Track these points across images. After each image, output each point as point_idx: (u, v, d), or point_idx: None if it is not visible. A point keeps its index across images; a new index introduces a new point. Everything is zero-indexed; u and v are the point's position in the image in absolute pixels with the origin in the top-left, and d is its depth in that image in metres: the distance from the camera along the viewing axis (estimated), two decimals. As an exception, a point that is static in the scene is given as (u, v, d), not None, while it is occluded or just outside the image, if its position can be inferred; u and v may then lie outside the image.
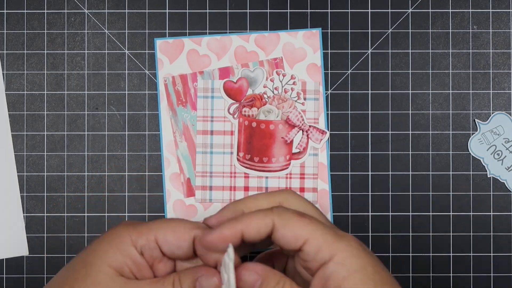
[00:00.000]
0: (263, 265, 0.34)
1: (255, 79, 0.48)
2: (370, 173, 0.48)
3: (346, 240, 0.33)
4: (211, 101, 0.48)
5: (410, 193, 0.48)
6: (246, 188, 0.48)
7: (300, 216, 0.34)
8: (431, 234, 0.48)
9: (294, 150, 0.48)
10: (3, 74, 0.48)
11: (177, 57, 0.48)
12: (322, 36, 0.48)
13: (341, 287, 0.32)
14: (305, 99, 0.48)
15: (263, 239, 0.34)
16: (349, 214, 0.48)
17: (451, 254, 0.48)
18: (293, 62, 0.48)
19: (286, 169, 0.48)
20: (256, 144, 0.47)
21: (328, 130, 0.48)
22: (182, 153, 0.48)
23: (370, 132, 0.48)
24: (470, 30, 0.48)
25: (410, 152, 0.48)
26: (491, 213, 0.48)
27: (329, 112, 0.48)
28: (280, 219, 0.33)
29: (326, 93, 0.48)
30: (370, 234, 0.48)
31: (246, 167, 0.47)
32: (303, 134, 0.48)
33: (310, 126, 0.48)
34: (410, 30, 0.48)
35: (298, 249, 0.34)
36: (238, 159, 0.48)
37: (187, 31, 0.48)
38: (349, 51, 0.48)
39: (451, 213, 0.48)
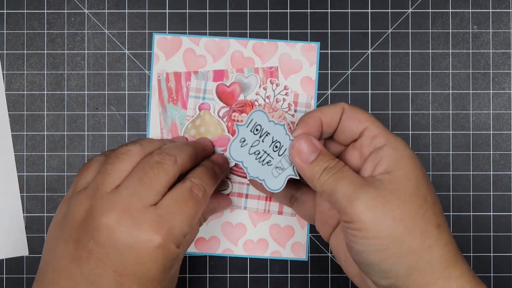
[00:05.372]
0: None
1: (248, 86, 0.48)
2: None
3: (398, 137, 0.37)
4: (202, 102, 0.48)
5: (410, 193, 0.48)
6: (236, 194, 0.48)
7: (362, 109, 0.39)
8: (431, 234, 0.48)
9: None
10: (3, 74, 0.48)
11: (174, 54, 0.48)
12: (320, 49, 0.48)
13: (392, 168, 0.35)
14: (295, 111, 0.48)
15: (334, 128, 0.39)
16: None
17: (451, 254, 0.48)
18: (288, 73, 0.48)
19: None
20: None
21: None
22: None
23: (370, 132, 0.48)
24: (470, 30, 0.48)
25: (410, 152, 0.48)
26: (491, 213, 0.48)
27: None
28: (349, 106, 0.39)
29: (326, 93, 0.48)
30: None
31: (232, 173, 0.48)
32: None
33: None
34: (410, 30, 0.48)
35: (358, 135, 0.38)
36: None
37: (187, 31, 0.48)
38: (349, 51, 0.48)
39: (451, 213, 0.48)
